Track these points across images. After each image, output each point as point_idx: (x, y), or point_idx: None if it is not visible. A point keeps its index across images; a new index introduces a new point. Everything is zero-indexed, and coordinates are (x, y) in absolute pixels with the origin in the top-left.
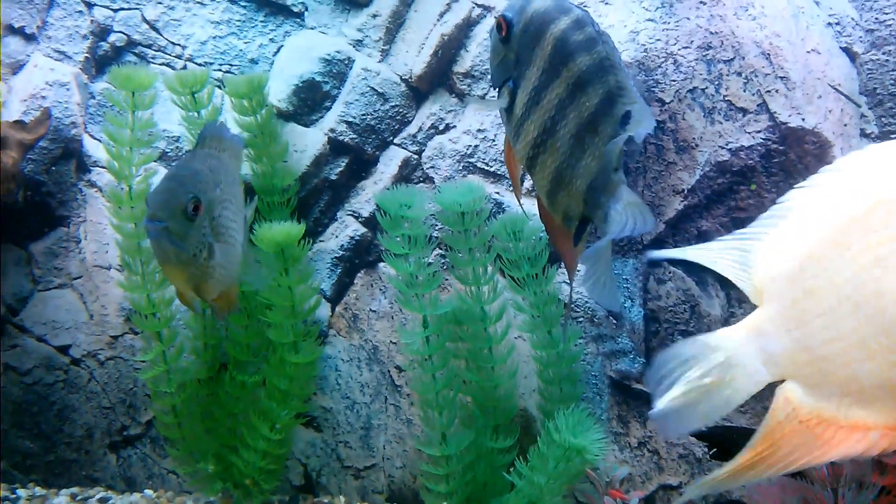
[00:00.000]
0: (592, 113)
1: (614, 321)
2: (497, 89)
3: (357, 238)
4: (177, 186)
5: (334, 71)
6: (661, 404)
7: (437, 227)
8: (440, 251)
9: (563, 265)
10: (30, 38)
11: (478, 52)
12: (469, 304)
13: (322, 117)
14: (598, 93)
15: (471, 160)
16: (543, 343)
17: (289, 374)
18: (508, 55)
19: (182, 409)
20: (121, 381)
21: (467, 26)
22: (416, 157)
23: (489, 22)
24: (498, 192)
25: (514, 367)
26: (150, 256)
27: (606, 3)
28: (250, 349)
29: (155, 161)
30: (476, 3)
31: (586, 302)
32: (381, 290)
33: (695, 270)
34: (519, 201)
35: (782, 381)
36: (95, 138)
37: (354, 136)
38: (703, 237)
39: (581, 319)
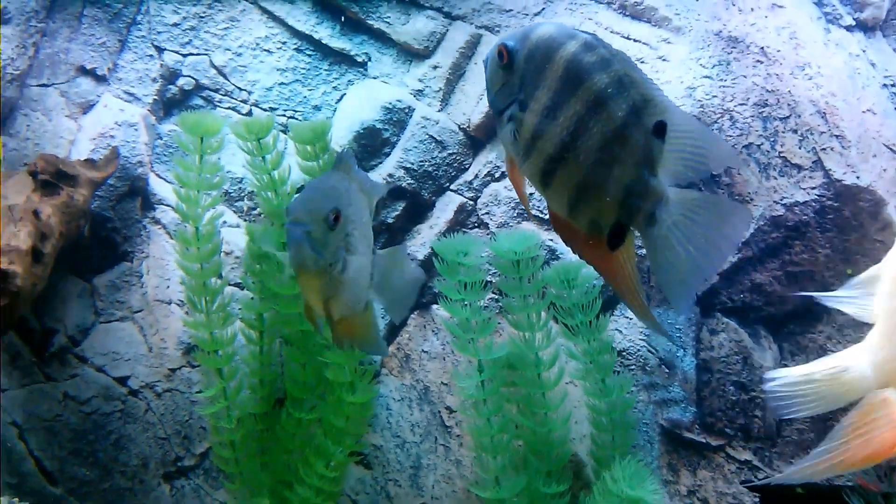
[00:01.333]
0: (619, 126)
1: (666, 370)
2: (499, 113)
3: None
4: (319, 196)
5: (395, 119)
6: (775, 375)
7: (491, 272)
8: (493, 294)
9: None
10: (101, 79)
11: None
12: (522, 350)
13: (381, 163)
14: (621, 108)
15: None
16: (597, 391)
17: (345, 413)
18: (511, 80)
19: (240, 445)
20: (177, 413)
21: None
22: (471, 203)
23: None
24: (552, 240)
25: (567, 413)
26: (215, 295)
27: (664, 60)
28: (307, 387)
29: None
30: None
31: (638, 350)
32: (433, 331)
33: (748, 322)
34: (529, 213)
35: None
36: (161, 177)
37: (412, 181)
38: (756, 290)
39: (633, 367)
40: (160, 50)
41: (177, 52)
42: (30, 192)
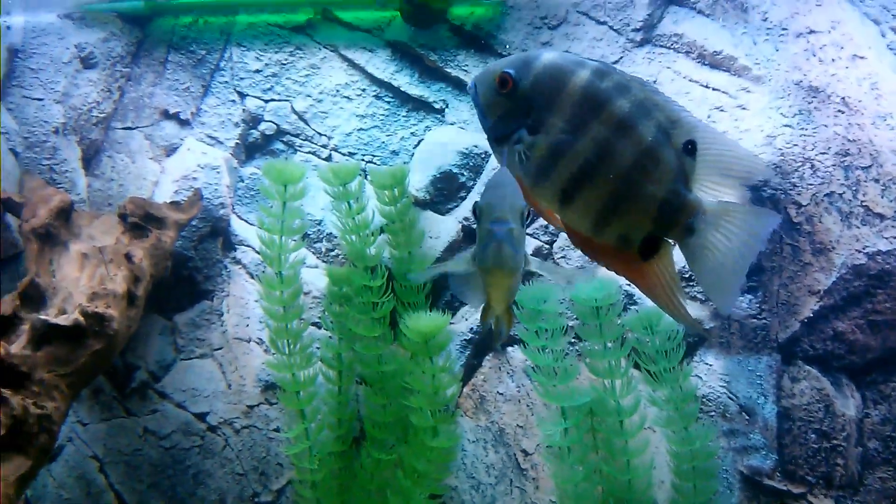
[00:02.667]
0: (649, 147)
1: (747, 417)
2: (500, 138)
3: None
4: (511, 193)
5: (471, 164)
6: None
7: (569, 315)
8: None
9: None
10: (184, 123)
11: None
12: (603, 397)
13: (457, 206)
14: (649, 130)
15: None
16: (679, 439)
17: (427, 457)
18: (515, 107)
19: (321, 484)
20: (254, 450)
21: None
22: (547, 246)
23: None
24: (629, 285)
25: (649, 460)
26: (297, 337)
27: (743, 109)
28: (387, 427)
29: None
30: None
31: (718, 397)
32: (508, 373)
33: (830, 370)
34: (558, 226)
35: None
36: (242, 219)
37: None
38: (838, 338)
39: (713, 414)
40: (242, 95)
41: (259, 98)
42: (119, 234)
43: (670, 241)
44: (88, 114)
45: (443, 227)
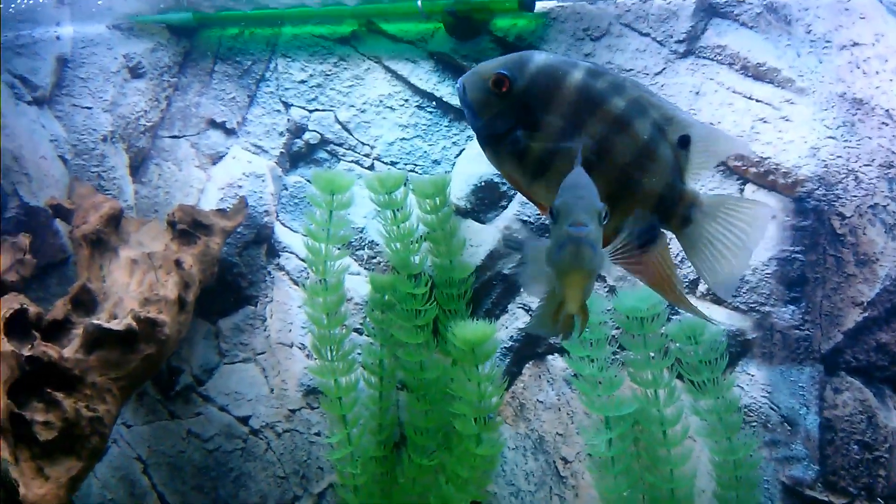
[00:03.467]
0: (645, 143)
1: (788, 427)
2: (493, 138)
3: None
4: (588, 194)
5: None
6: None
7: (614, 326)
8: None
9: None
10: (230, 132)
11: None
12: (647, 407)
13: (498, 215)
14: (645, 127)
15: None
16: (723, 449)
17: (470, 464)
18: (509, 106)
19: (363, 489)
20: (296, 453)
21: None
22: None
23: None
24: None
25: (692, 470)
26: (340, 343)
27: (787, 120)
28: (429, 433)
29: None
30: None
31: (760, 407)
32: (548, 381)
33: (873, 382)
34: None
35: None
36: (286, 226)
37: (529, 233)
38: (882, 350)
39: (755, 424)
40: (287, 105)
41: (303, 108)
42: (168, 241)
43: (666, 231)
44: (136, 122)
45: (484, 236)
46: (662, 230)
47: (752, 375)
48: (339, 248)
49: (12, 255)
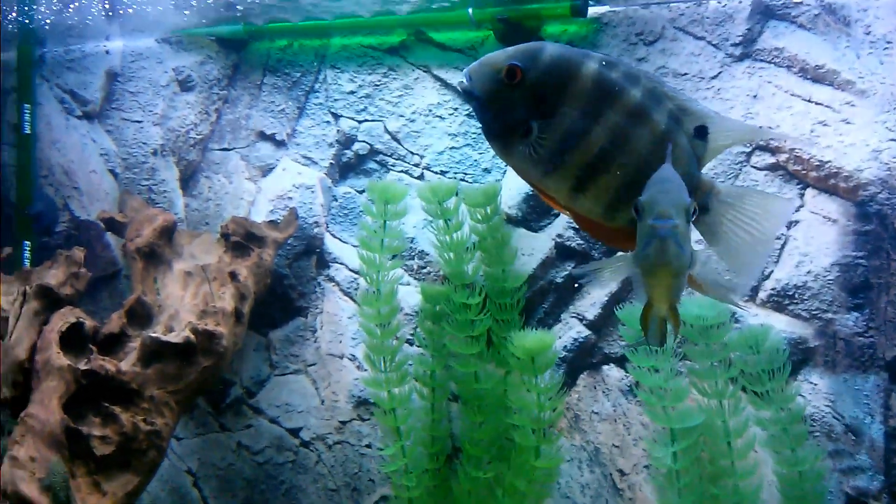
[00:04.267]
0: (662, 133)
1: (853, 437)
2: (505, 130)
3: (581, 340)
4: (676, 189)
5: None
6: None
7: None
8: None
9: None
10: (280, 144)
11: (712, 164)
12: (712, 418)
13: (550, 223)
14: (662, 117)
15: None
16: (787, 461)
17: (529, 476)
18: (522, 98)
19: (417, 501)
20: (346, 465)
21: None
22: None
23: None
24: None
25: (757, 483)
26: (393, 354)
27: (848, 123)
28: (483, 445)
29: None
30: None
31: (823, 417)
32: (603, 392)
33: None
34: (564, 213)
35: None
36: (336, 237)
37: (582, 241)
38: None
39: (818, 434)
40: (337, 116)
41: (352, 119)
42: (221, 253)
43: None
44: (186, 135)
45: (536, 244)
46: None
47: (815, 384)
48: (392, 259)
49: (67, 268)
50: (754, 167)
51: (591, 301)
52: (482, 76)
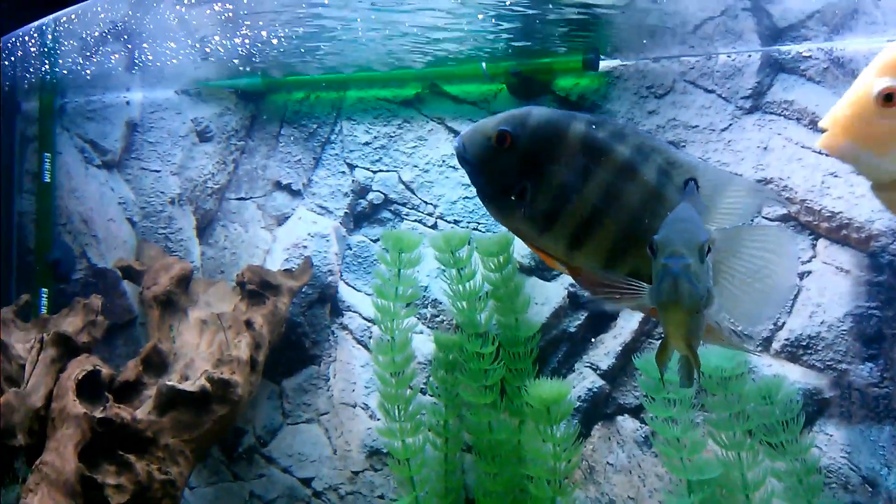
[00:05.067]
0: (652, 187)
1: (869, 489)
2: (500, 195)
3: (595, 390)
4: (691, 227)
5: None
6: None
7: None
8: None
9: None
10: (296, 193)
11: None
12: (730, 469)
13: (562, 272)
14: (650, 172)
15: None
16: None
17: None
18: (514, 163)
19: None
20: None
21: None
22: None
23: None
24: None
25: None
26: (408, 403)
27: (858, 174)
28: (497, 497)
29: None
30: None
31: (839, 468)
32: (618, 443)
33: None
34: (564, 270)
35: None
36: (350, 285)
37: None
38: None
39: (834, 486)
40: (352, 167)
41: (367, 169)
42: (237, 301)
43: None
44: (204, 185)
45: (549, 293)
46: None
47: (831, 435)
48: (406, 307)
49: (84, 316)
50: (766, 218)
51: (605, 351)
52: (474, 143)
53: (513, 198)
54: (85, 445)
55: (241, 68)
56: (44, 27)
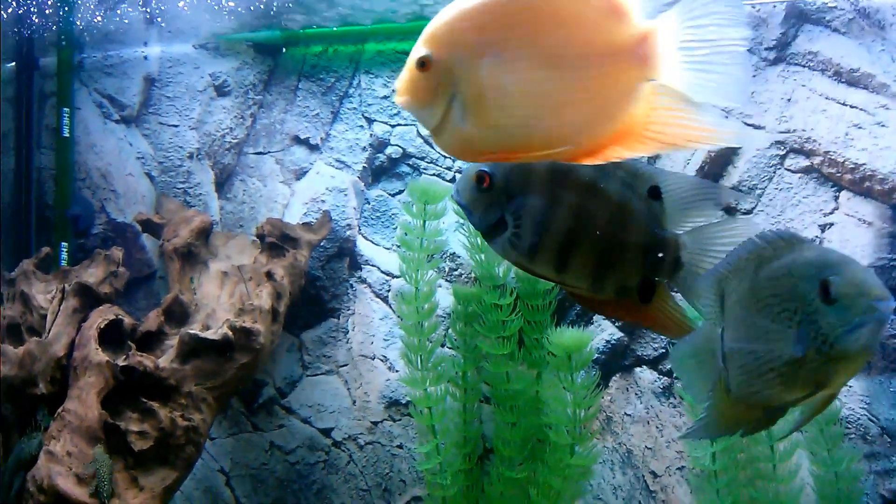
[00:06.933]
0: (617, 201)
1: (888, 439)
2: (490, 230)
3: (613, 342)
4: (852, 260)
5: None
6: None
7: None
8: None
9: None
10: (314, 147)
11: (746, 167)
12: None
13: None
14: (614, 186)
15: None
16: (823, 462)
17: (564, 475)
18: (496, 198)
19: (451, 501)
20: (378, 466)
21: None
22: None
23: (759, 140)
24: None
25: (798, 487)
26: (431, 353)
27: (882, 126)
28: (516, 446)
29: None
30: (746, 123)
31: (858, 419)
32: (636, 394)
33: None
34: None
35: None
36: (368, 239)
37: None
38: None
39: (853, 436)
40: (370, 121)
41: (385, 123)
42: (257, 254)
43: (663, 281)
44: (222, 139)
45: None
46: (660, 280)
47: (850, 386)
48: (429, 259)
49: (106, 267)
50: (788, 170)
51: None
52: (463, 187)
53: (500, 232)
54: (108, 393)
55: (258, 21)
56: None
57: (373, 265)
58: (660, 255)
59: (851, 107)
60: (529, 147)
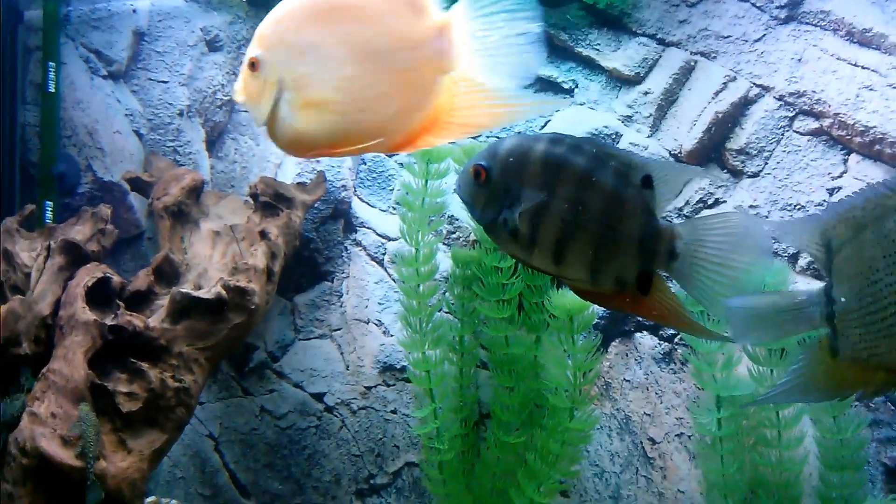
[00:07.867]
0: (612, 192)
1: (892, 407)
2: (490, 224)
3: None
4: None
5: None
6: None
7: None
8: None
9: None
10: None
11: (753, 129)
12: (760, 386)
13: None
14: (608, 176)
15: None
16: (828, 429)
17: (562, 439)
18: (493, 193)
19: (447, 466)
20: (371, 431)
21: (743, 105)
22: None
23: (767, 102)
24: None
25: (802, 454)
26: (430, 316)
27: (894, 88)
28: (514, 410)
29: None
30: (754, 84)
31: None
32: (636, 360)
33: None
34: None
35: None
36: (363, 201)
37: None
38: None
39: (857, 404)
40: None
41: None
42: (250, 213)
43: (660, 271)
44: (213, 96)
45: None
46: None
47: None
48: (431, 220)
49: (93, 225)
50: (797, 132)
51: None
52: (463, 181)
53: (500, 225)
54: (95, 353)
55: None
56: None
57: (368, 227)
58: (656, 245)
59: (863, 68)
60: (348, 140)
